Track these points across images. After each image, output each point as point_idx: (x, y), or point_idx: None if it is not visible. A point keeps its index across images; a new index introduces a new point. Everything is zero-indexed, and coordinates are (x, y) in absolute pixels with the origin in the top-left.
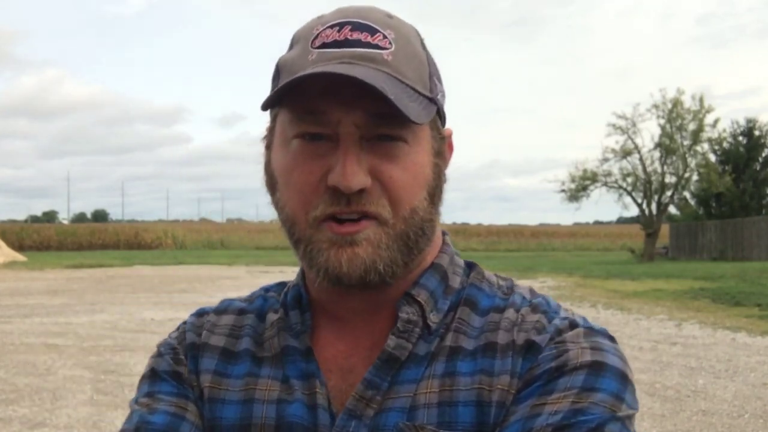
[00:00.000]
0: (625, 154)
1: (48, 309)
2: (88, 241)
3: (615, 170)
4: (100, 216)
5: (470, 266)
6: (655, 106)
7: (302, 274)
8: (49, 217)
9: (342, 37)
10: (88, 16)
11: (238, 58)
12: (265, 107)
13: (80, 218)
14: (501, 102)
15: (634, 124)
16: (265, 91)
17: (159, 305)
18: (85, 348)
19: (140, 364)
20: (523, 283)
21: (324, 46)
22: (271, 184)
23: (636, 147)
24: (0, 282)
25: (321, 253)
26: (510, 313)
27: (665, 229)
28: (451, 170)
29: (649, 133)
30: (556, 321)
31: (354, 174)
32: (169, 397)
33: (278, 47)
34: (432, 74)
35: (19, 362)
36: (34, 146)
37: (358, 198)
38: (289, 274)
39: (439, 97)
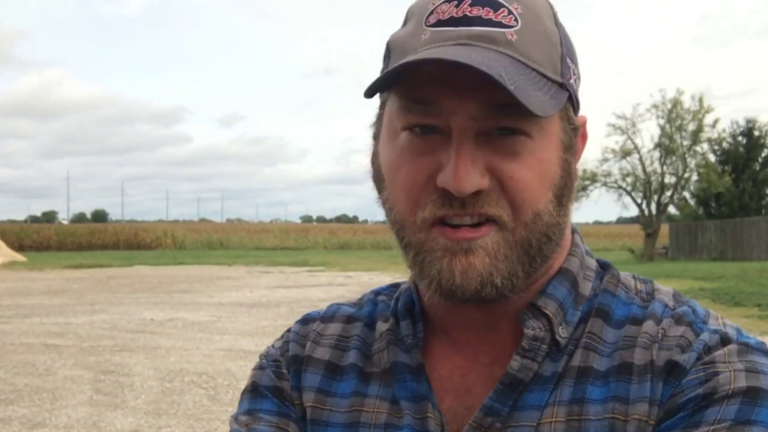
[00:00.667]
0: (625, 154)
1: (48, 309)
2: (88, 242)
3: (615, 170)
4: (99, 216)
5: (604, 267)
6: (655, 106)
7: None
8: (49, 217)
9: (460, 14)
10: (88, 16)
11: (238, 58)
12: (368, 94)
13: (80, 218)
14: None
15: (633, 124)
16: (266, 91)
17: (159, 305)
18: (84, 348)
19: (140, 364)
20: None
21: (439, 23)
22: (378, 180)
23: (636, 147)
24: (0, 282)
25: (434, 263)
26: (649, 326)
27: (665, 229)
28: None
29: (648, 133)
30: (705, 335)
31: (467, 175)
32: (270, 416)
33: (278, 47)
34: (564, 55)
35: (19, 362)
36: (34, 146)
37: (473, 200)
38: (289, 274)
39: (572, 81)
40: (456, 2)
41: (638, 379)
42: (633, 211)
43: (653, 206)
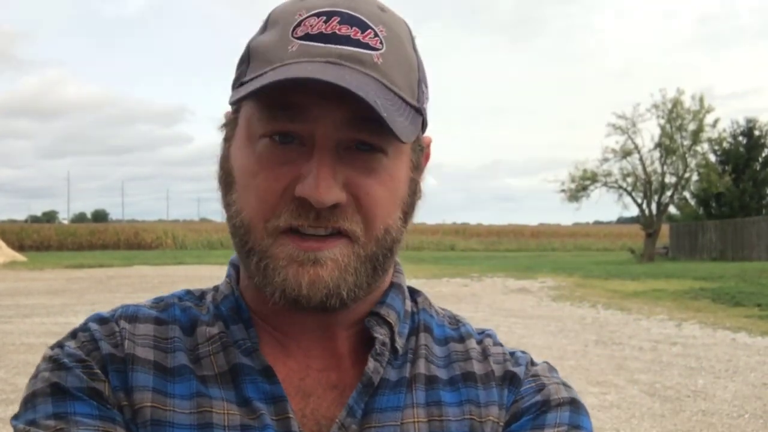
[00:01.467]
0: (625, 154)
1: (48, 309)
2: (88, 241)
3: (615, 170)
4: (100, 216)
5: (412, 289)
6: (655, 106)
7: (236, 283)
8: (49, 217)
9: (329, 30)
10: (88, 16)
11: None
12: (236, 102)
13: (80, 218)
14: (502, 102)
15: (634, 124)
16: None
17: None
18: None
19: None
20: (521, 285)
21: (308, 37)
22: (227, 183)
23: (636, 147)
24: (0, 282)
25: (278, 271)
26: (472, 344)
27: (665, 229)
28: (452, 170)
29: (649, 133)
30: (519, 354)
31: (328, 188)
32: (91, 420)
33: None
34: (421, 80)
35: (19, 362)
36: (34, 146)
37: (329, 213)
38: None
39: (425, 105)
40: (325, 18)
41: (483, 386)
42: (633, 211)
43: (653, 206)
